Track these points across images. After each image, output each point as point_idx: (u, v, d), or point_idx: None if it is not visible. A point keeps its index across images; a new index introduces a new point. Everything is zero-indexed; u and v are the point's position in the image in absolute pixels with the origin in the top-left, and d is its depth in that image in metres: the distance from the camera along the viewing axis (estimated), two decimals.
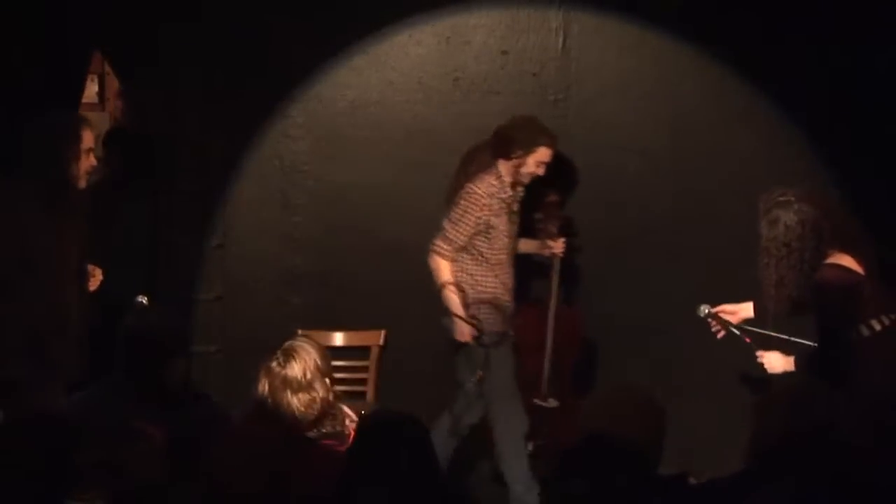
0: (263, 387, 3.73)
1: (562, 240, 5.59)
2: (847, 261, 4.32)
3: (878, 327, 4.32)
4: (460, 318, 5.21)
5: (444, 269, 5.31)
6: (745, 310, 4.74)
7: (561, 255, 5.58)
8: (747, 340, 4.64)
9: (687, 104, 5.87)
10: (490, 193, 5.31)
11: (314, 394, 3.69)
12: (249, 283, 6.01)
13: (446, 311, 5.28)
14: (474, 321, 5.21)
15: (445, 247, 5.32)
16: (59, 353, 4.39)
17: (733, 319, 4.76)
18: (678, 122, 5.88)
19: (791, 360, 4.56)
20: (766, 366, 4.65)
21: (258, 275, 6.00)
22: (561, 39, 5.87)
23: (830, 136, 5.63)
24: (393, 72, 5.92)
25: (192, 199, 5.95)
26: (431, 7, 5.86)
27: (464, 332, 5.24)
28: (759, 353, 4.65)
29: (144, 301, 4.97)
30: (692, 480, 3.12)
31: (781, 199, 4.37)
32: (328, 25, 5.86)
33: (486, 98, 5.90)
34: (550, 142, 5.33)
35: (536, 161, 5.32)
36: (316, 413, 3.70)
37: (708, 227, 5.86)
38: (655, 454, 3.08)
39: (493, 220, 5.33)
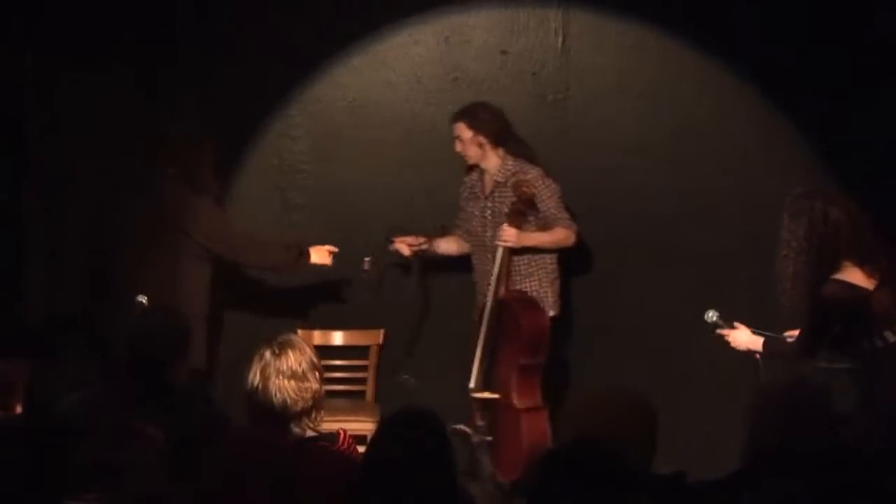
0: (255, 375, 3.69)
1: (512, 231, 5.36)
2: (856, 276, 4.29)
3: (892, 339, 4.30)
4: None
5: None
6: (756, 344, 4.64)
7: (502, 243, 5.36)
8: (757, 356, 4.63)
9: (687, 104, 5.88)
10: (465, 177, 5.63)
11: (307, 384, 3.67)
12: (249, 284, 6.01)
13: None
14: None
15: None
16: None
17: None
18: (678, 122, 5.89)
19: (759, 340, 4.58)
20: (731, 342, 4.68)
21: (258, 274, 6.00)
22: (560, 39, 5.88)
23: (830, 136, 5.64)
24: (392, 71, 5.93)
25: None
26: (431, 7, 5.86)
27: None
28: (723, 332, 4.68)
29: (144, 300, 4.97)
30: (689, 480, 3.11)
31: (809, 194, 4.37)
32: (328, 25, 5.86)
33: (485, 98, 5.89)
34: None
35: None
36: (307, 404, 3.67)
37: (708, 227, 5.87)
38: (647, 454, 3.08)
39: (464, 204, 5.65)
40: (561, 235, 5.46)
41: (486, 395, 5.42)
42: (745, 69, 5.76)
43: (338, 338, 5.93)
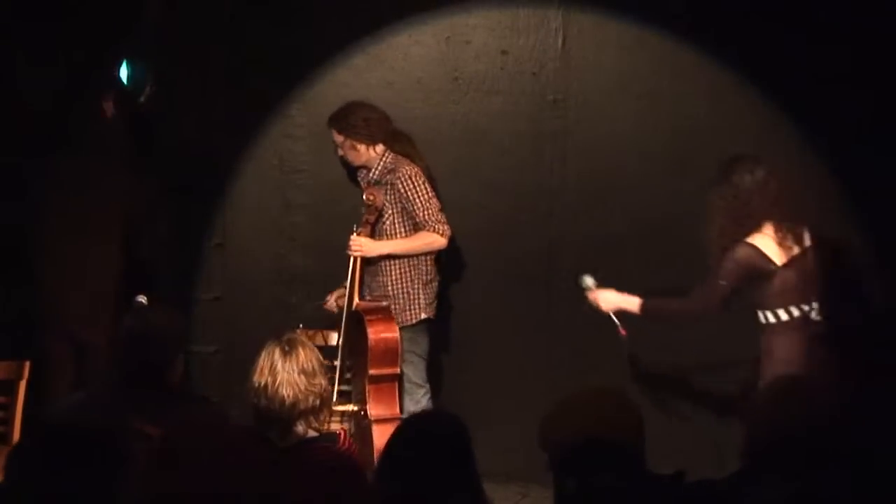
0: (262, 372, 3.67)
1: (360, 240, 5.39)
2: (770, 246, 4.49)
3: (784, 317, 4.49)
4: None
5: None
6: (630, 303, 4.83)
7: (350, 253, 5.38)
8: (622, 332, 4.79)
9: (687, 104, 5.87)
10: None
11: (316, 380, 3.66)
12: (249, 283, 6.02)
13: None
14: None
15: None
16: None
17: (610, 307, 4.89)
18: (678, 122, 5.88)
19: (634, 300, 4.75)
20: (601, 304, 4.87)
21: (258, 275, 6.01)
22: (561, 39, 5.88)
23: (830, 135, 5.63)
24: (392, 72, 5.93)
25: (193, 199, 5.96)
26: (431, 7, 5.87)
27: None
28: (591, 294, 4.86)
29: (144, 300, 4.97)
30: (689, 480, 3.11)
31: (740, 157, 4.67)
32: (328, 25, 5.87)
33: (485, 98, 5.90)
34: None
35: None
36: (315, 401, 3.66)
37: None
38: (639, 453, 3.08)
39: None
40: (423, 241, 5.43)
41: (345, 406, 5.37)
42: (745, 69, 5.76)
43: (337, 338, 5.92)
